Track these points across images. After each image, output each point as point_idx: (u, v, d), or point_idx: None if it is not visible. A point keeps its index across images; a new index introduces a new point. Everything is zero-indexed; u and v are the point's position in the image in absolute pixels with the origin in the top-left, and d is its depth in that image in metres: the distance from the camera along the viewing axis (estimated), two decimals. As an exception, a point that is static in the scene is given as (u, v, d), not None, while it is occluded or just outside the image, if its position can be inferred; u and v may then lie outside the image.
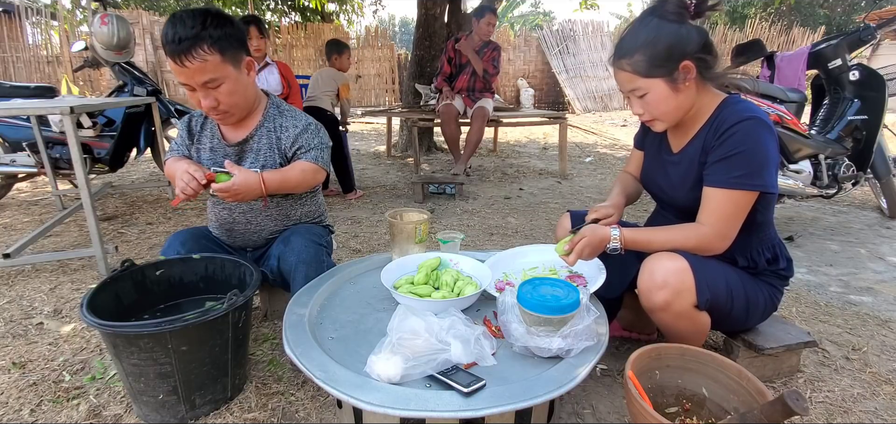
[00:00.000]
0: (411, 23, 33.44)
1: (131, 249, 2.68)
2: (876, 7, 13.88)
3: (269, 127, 1.60)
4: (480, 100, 4.43)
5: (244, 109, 1.56)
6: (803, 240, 2.88)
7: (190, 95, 1.46)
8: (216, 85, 1.42)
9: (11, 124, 3.17)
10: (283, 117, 1.62)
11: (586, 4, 7.13)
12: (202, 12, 1.38)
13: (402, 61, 11.93)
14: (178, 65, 1.36)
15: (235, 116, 1.54)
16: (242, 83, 1.49)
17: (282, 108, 1.65)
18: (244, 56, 1.49)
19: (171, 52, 1.36)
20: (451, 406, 0.95)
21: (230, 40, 1.41)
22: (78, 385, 1.48)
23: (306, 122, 1.63)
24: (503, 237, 2.89)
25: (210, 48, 1.37)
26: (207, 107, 1.46)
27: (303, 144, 1.59)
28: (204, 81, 1.40)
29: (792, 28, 12.55)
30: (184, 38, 1.34)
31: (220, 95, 1.44)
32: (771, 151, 1.21)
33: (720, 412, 1.14)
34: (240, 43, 1.46)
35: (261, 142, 1.59)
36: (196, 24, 1.35)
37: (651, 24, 1.23)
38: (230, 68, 1.43)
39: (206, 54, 1.37)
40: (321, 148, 1.62)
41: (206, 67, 1.37)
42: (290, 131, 1.59)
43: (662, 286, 1.22)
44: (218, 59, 1.39)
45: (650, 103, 1.27)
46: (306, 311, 1.30)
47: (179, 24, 1.35)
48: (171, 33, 1.35)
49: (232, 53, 1.43)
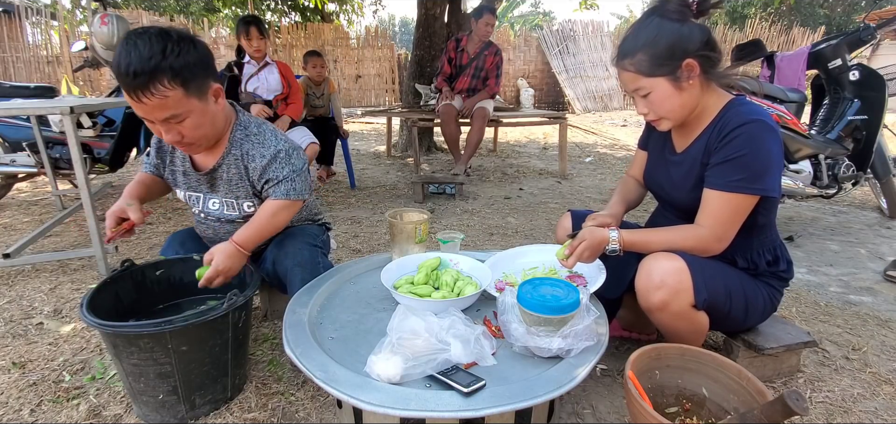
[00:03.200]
0: (411, 23, 33.45)
1: (131, 249, 2.68)
2: (876, 7, 13.88)
3: (236, 155, 1.45)
4: (481, 100, 4.43)
5: (212, 138, 1.41)
6: (803, 240, 2.88)
7: (149, 126, 1.29)
8: (179, 120, 1.26)
9: (11, 124, 3.17)
10: (249, 142, 1.44)
11: (586, 4, 7.13)
12: (161, 36, 1.19)
13: (402, 61, 11.93)
14: (134, 100, 1.19)
15: (203, 146, 1.41)
16: (209, 114, 1.33)
17: (249, 129, 1.46)
18: (211, 83, 1.32)
19: (125, 86, 1.17)
20: (451, 406, 0.95)
21: (194, 69, 1.23)
22: (78, 385, 1.48)
23: (275, 149, 1.44)
24: (503, 237, 2.89)
25: (171, 82, 1.19)
26: (170, 141, 1.31)
27: (270, 176, 1.44)
28: (164, 118, 1.23)
29: (792, 28, 12.55)
30: (140, 73, 1.15)
31: (185, 129, 1.28)
32: (774, 155, 1.21)
33: (720, 412, 1.14)
34: (205, 69, 1.28)
35: (230, 171, 1.47)
36: (154, 52, 1.16)
37: (652, 24, 1.23)
38: (194, 101, 1.26)
39: (167, 90, 1.18)
40: (292, 178, 1.45)
41: (167, 102, 1.20)
42: (257, 162, 1.43)
43: (660, 286, 1.22)
44: (180, 93, 1.21)
45: (654, 102, 1.27)
46: (306, 311, 1.30)
47: (134, 54, 1.15)
48: (124, 64, 1.15)
49: (197, 83, 1.25)
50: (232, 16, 12.07)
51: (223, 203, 1.54)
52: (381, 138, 6.98)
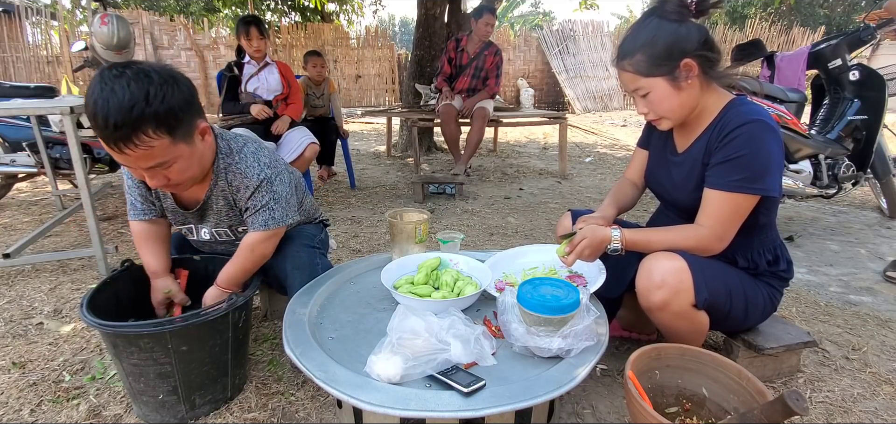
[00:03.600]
0: (411, 23, 33.43)
1: (131, 249, 2.68)
2: (876, 7, 13.87)
3: (222, 187, 1.39)
4: (481, 100, 4.43)
5: (199, 176, 1.33)
6: (803, 240, 2.88)
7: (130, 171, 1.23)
8: (166, 167, 1.17)
9: (11, 124, 3.17)
10: (233, 173, 1.37)
11: (586, 4, 7.13)
12: (141, 78, 1.06)
13: (402, 61, 11.93)
14: (115, 151, 1.08)
15: (188, 185, 1.33)
16: (197, 154, 1.24)
17: (231, 158, 1.37)
18: (197, 122, 1.21)
19: (104, 138, 1.05)
20: (451, 406, 0.95)
21: (179, 114, 1.12)
22: (78, 385, 1.48)
23: (258, 179, 1.36)
24: (503, 237, 2.89)
25: (156, 131, 1.08)
26: (156, 186, 1.22)
27: (249, 206, 1.39)
28: (149, 167, 1.15)
29: (792, 28, 12.55)
30: (121, 124, 1.03)
31: (172, 173, 1.19)
32: (774, 154, 1.21)
33: (720, 412, 1.14)
34: (190, 109, 1.17)
35: (219, 203, 1.43)
36: (136, 99, 1.03)
37: (651, 24, 1.23)
38: (182, 146, 1.17)
39: (152, 139, 1.08)
40: (271, 207, 1.38)
41: (153, 153, 1.11)
42: (242, 192, 1.38)
43: (660, 285, 1.22)
44: (166, 142, 1.11)
45: (653, 102, 1.27)
46: (306, 311, 1.30)
47: (112, 101, 1.02)
48: (101, 113, 1.02)
49: (183, 128, 1.15)
50: (232, 16, 12.07)
51: (215, 233, 1.51)
52: (381, 138, 6.98)
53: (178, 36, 10.64)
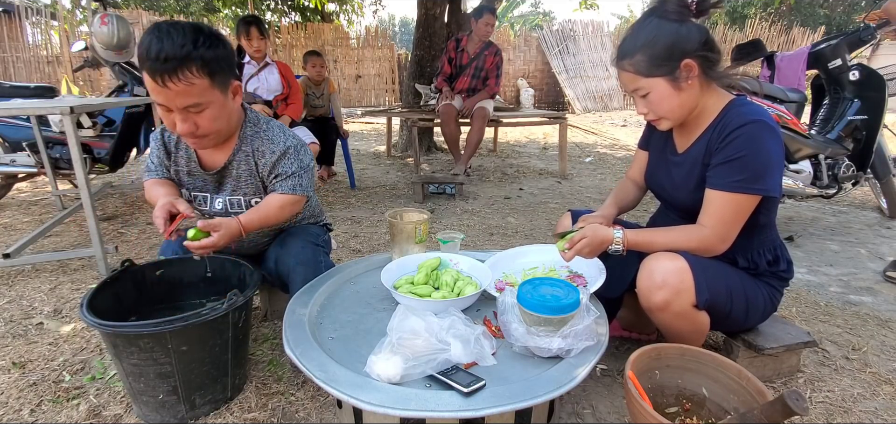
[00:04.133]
0: (411, 23, 33.42)
1: (131, 249, 2.68)
2: (876, 7, 13.87)
3: (246, 151, 1.47)
4: (481, 100, 4.43)
5: (224, 134, 1.43)
6: (803, 240, 2.88)
7: (163, 116, 1.30)
8: (199, 110, 1.28)
9: (11, 124, 3.17)
10: (260, 140, 1.47)
11: (586, 4, 7.13)
12: (194, 28, 1.24)
13: (402, 61, 11.93)
14: (159, 85, 1.20)
15: (214, 141, 1.41)
16: (227, 109, 1.36)
17: (259, 126, 1.49)
18: (232, 80, 1.36)
19: (153, 69, 1.19)
20: (451, 406, 0.95)
21: (221, 63, 1.28)
22: (78, 385, 1.48)
23: (285, 145, 1.47)
24: (503, 237, 2.89)
25: (199, 71, 1.22)
26: (183, 132, 1.30)
27: (279, 171, 1.47)
28: (186, 106, 1.25)
29: (792, 28, 12.55)
30: (170, 57, 1.18)
31: (202, 120, 1.30)
32: (774, 155, 1.21)
33: (720, 412, 1.14)
34: (230, 66, 1.33)
35: (240, 168, 1.48)
36: (187, 41, 1.20)
37: (651, 24, 1.23)
38: (217, 93, 1.30)
39: (194, 77, 1.22)
40: (299, 174, 1.48)
41: (193, 90, 1.23)
42: (267, 158, 1.46)
43: (661, 285, 1.22)
44: (206, 83, 1.25)
45: (653, 103, 1.27)
46: (306, 311, 1.30)
47: (166, 40, 1.18)
48: (155, 49, 1.18)
49: (222, 77, 1.29)
50: (232, 16, 12.07)
51: (229, 201, 1.53)
52: (381, 138, 6.98)
53: (178, 36, 10.63)
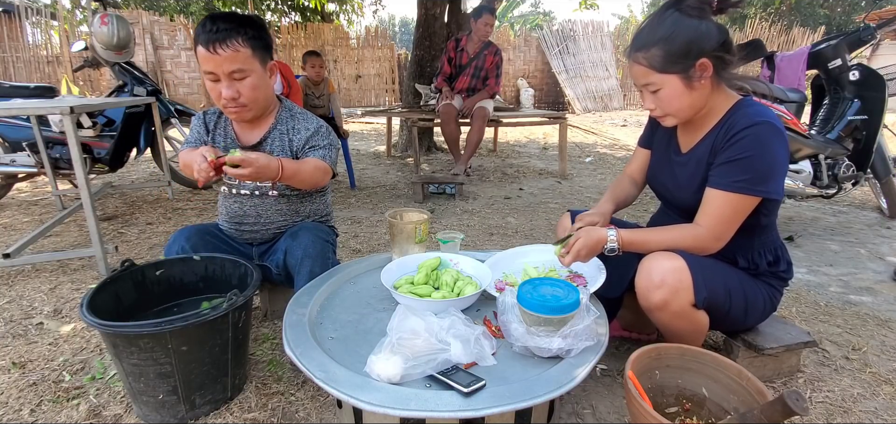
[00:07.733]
0: (411, 23, 33.43)
1: (131, 249, 2.68)
2: (876, 7, 13.88)
3: (281, 130, 1.66)
4: (480, 100, 4.43)
5: (262, 107, 1.61)
6: (803, 240, 2.88)
7: (210, 88, 1.51)
8: (242, 76, 1.49)
9: (11, 124, 3.17)
10: (295, 121, 1.68)
11: (586, 4, 7.12)
12: (242, 15, 1.52)
13: (402, 61, 11.93)
14: (210, 52, 1.43)
15: (252, 112, 1.58)
16: (265, 82, 1.58)
17: (294, 112, 1.70)
18: (270, 60, 1.59)
19: (206, 39, 1.43)
20: (451, 406, 0.95)
21: (261, 42, 1.53)
22: (78, 385, 1.48)
23: (318, 124, 1.69)
24: (503, 237, 2.89)
25: (244, 41, 1.47)
26: (228, 97, 1.49)
27: (314, 143, 1.65)
28: (231, 71, 1.46)
29: (792, 28, 12.55)
30: (222, 29, 1.44)
31: (244, 87, 1.50)
32: (780, 158, 1.20)
33: (720, 412, 1.14)
34: (269, 48, 1.58)
35: (274, 144, 1.65)
36: (234, 19, 1.48)
37: (670, 19, 1.20)
38: (257, 64, 1.52)
39: (240, 46, 1.46)
40: (330, 148, 1.67)
41: (238, 57, 1.46)
42: (302, 134, 1.65)
43: (660, 285, 1.22)
44: (249, 52, 1.48)
45: (663, 100, 1.25)
46: (306, 311, 1.30)
47: (219, 18, 1.47)
48: (209, 23, 1.45)
49: (261, 53, 1.53)
50: (232, 16, 12.05)
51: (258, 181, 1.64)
52: (381, 138, 6.98)
53: (178, 36, 10.64)
